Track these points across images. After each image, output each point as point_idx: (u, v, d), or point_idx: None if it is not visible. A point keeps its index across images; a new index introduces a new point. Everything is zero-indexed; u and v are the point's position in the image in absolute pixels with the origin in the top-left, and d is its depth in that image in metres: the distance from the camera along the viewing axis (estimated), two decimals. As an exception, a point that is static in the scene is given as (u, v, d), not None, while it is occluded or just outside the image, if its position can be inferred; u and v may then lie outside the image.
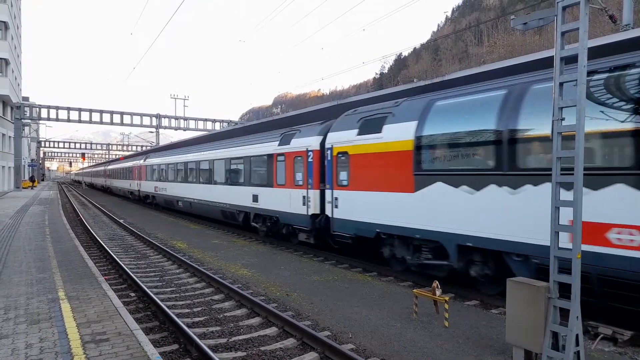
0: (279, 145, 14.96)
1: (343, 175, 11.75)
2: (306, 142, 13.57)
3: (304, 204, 13.35)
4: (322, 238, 13.42)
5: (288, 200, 14.12)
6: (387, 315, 7.77)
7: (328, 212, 12.37)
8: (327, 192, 12.37)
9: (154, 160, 31.59)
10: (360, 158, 11.17)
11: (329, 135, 12.43)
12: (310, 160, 13.20)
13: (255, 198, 16.32)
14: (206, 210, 21.27)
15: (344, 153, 11.71)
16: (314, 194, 13.03)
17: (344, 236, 11.90)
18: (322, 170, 12.85)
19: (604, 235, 6.38)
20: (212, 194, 20.37)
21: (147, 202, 34.13)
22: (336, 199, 11.96)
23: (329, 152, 12.27)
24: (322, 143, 12.93)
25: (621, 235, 6.21)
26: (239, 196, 17.60)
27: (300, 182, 13.58)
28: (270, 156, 15.45)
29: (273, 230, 15.77)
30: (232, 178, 18.37)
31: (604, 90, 6.56)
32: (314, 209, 13.02)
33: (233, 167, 18.45)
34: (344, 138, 11.79)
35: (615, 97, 6.47)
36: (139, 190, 35.43)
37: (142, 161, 35.03)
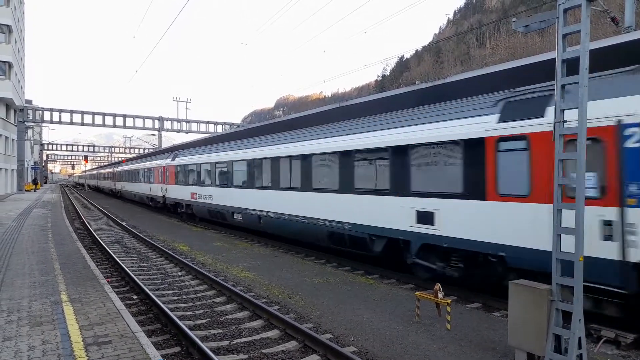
0: (502, 120, 8.17)
1: None
2: (617, 106, 6.62)
3: (606, 237, 6.62)
4: None
5: (543, 226, 7.24)
6: (389, 317, 7.76)
7: None
8: None
9: (189, 159, 24.78)
10: None
11: None
12: (635, 144, 6.34)
13: (424, 217, 9.60)
14: (293, 228, 14.52)
15: None
16: None
17: None
18: None
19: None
20: (307, 205, 13.67)
21: (178, 212, 26.53)
22: None
23: None
24: None
25: None
26: (377, 212, 10.87)
27: (595, 192, 6.76)
28: (474, 143, 8.63)
29: (472, 274, 9.01)
30: (360, 182, 11.51)
31: None
32: None
33: (362, 164, 11.50)
34: None
35: None
36: (164, 196, 28.46)
37: (168, 160, 28.24)
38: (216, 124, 54.96)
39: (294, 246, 15.03)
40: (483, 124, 8.59)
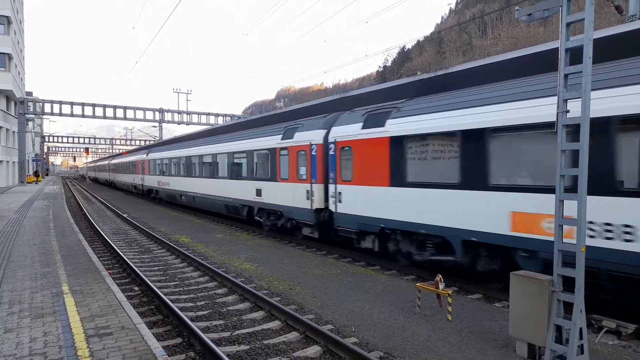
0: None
1: None
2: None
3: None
4: None
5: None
6: (390, 309, 7.76)
7: None
8: None
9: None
10: None
11: None
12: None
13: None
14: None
15: None
16: None
17: None
18: None
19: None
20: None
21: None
22: None
23: None
24: None
25: None
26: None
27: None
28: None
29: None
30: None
31: None
32: None
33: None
34: None
35: None
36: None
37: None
38: (217, 115, 54.83)
39: (294, 238, 15.06)
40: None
